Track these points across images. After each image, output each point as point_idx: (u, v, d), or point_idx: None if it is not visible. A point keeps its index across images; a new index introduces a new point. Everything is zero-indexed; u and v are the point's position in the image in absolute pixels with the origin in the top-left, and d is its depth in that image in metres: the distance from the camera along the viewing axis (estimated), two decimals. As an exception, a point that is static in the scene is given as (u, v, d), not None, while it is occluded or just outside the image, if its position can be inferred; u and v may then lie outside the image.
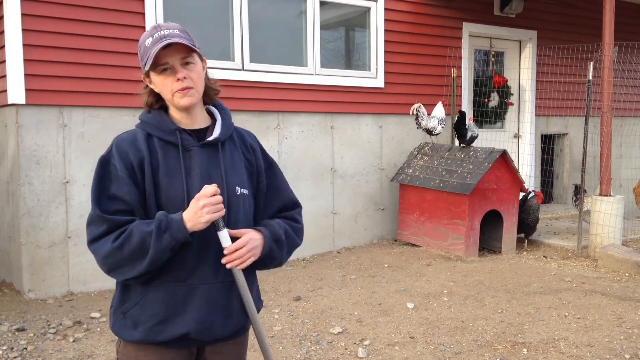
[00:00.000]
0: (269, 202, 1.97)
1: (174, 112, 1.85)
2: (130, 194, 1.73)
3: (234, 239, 1.79)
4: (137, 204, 1.75)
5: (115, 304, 1.86)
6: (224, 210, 1.75)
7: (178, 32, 1.77)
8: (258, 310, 1.94)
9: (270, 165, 2.00)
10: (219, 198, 1.73)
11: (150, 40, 1.75)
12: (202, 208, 1.70)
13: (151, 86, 1.83)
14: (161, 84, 1.78)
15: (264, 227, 1.89)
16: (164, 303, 1.77)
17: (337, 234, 6.83)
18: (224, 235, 1.76)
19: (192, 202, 1.72)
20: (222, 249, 1.78)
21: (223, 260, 1.78)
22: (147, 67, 1.75)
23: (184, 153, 1.80)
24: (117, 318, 1.83)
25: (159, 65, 1.75)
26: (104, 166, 1.76)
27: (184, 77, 1.76)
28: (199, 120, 1.88)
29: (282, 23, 6.56)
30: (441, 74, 7.50)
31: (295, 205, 2.03)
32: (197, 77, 1.80)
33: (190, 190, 1.77)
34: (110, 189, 1.73)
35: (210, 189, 1.73)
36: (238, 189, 1.85)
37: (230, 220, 1.82)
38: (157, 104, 1.86)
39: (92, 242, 1.74)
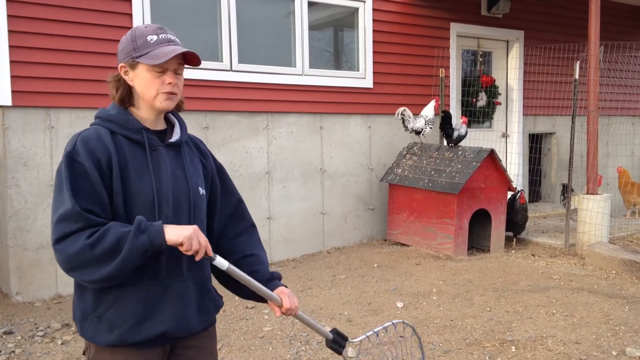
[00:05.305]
0: (223, 203, 2.06)
1: (141, 112, 1.86)
2: (101, 193, 1.71)
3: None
4: (106, 203, 1.72)
5: (84, 308, 1.80)
6: (194, 251, 1.75)
7: (179, 41, 1.87)
8: (220, 307, 2.02)
9: (221, 170, 2.09)
10: (206, 247, 1.77)
11: (155, 38, 1.79)
12: (194, 234, 1.72)
13: (126, 77, 1.83)
14: (149, 81, 1.80)
15: (277, 278, 2.07)
16: (141, 303, 1.77)
17: (327, 234, 6.84)
18: (219, 262, 1.82)
19: (186, 227, 1.73)
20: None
21: (286, 315, 2.02)
22: (146, 61, 1.76)
23: (151, 152, 1.82)
24: (91, 323, 1.77)
25: (160, 64, 1.78)
26: (72, 163, 1.71)
27: (175, 84, 1.83)
28: (160, 124, 1.92)
29: (271, 23, 6.56)
30: (429, 74, 7.53)
31: (242, 202, 2.12)
32: (181, 87, 1.89)
33: (159, 188, 1.79)
34: (81, 186, 1.69)
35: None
36: (200, 189, 1.91)
37: (195, 219, 1.88)
38: (129, 101, 1.85)
39: (62, 239, 1.66)
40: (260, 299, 2.02)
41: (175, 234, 1.70)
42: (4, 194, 4.98)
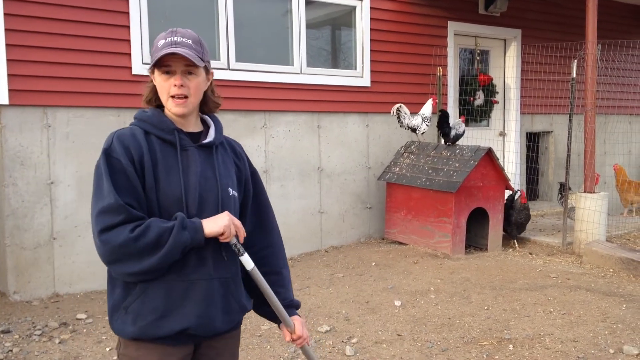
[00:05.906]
0: (252, 207, 2.09)
1: (169, 113, 1.92)
2: (137, 187, 1.77)
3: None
4: (142, 197, 1.78)
5: (114, 302, 1.85)
6: (233, 236, 1.85)
7: (191, 42, 1.85)
8: (246, 310, 2.03)
9: (254, 174, 2.13)
10: (240, 228, 1.86)
11: (162, 42, 1.84)
12: (230, 220, 1.81)
13: (155, 82, 1.90)
14: (160, 84, 1.87)
15: (295, 307, 2.16)
16: (164, 298, 1.80)
17: (325, 233, 6.84)
18: (245, 259, 1.88)
19: (220, 217, 1.82)
20: (219, 245, 1.87)
21: (295, 344, 2.08)
22: (151, 66, 1.86)
23: (182, 152, 1.87)
24: (119, 315, 1.83)
25: (162, 66, 1.84)
26: (109, 159, 1.77)
27: (181, 85, 1.84)
28: (192, 125, 1.95)
29: (268, 22, 6.55)
30: (427, 72, 7.53)
31: (270, 209, 2.17)
32: (195, 88, 1.88)
33: (187, 187, 1.84)
34: (120, 181, 1.75)
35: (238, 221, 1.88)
36: (230, 190, 1.94)
37: None
38: (156, 102, 1.93)
39: (105, 231, 1.72)
40: (273, 318, 2.09)
41: (214, 226, 1.79)
42: (1, 192, 4.97)
